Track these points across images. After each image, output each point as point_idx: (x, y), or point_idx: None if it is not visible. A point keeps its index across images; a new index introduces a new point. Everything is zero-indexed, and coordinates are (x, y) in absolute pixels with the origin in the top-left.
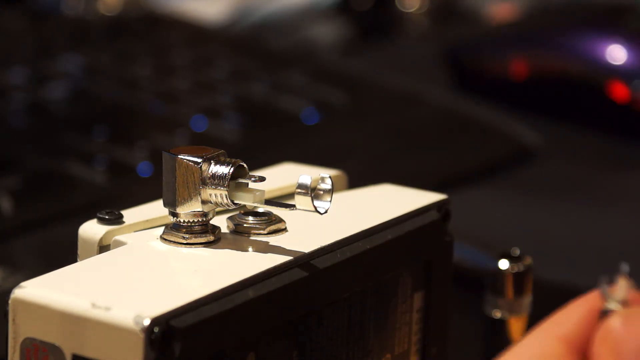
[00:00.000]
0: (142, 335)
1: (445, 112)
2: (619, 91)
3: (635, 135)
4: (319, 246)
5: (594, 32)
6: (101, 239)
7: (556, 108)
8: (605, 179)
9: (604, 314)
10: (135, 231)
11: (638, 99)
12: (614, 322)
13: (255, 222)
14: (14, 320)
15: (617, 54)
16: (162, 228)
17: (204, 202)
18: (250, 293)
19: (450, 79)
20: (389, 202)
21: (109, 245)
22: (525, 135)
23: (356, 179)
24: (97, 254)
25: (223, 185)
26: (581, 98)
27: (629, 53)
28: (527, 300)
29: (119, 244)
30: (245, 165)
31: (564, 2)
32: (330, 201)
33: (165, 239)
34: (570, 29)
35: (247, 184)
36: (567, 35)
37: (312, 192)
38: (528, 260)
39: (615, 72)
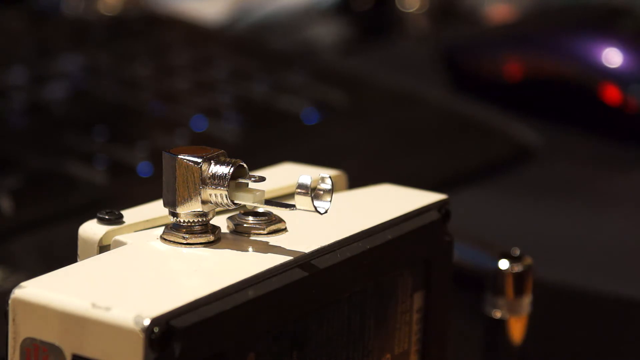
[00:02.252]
0: (142, 335)
1: (445, 112)
2: (611, 94)
3: (626, 138)
4: (319, 246)
5: (588, 34)
6: (101, 239)
7: (550, 109)
8: (604, 180)
9: None
10: (135, 231)
11: (630, 102)
12: None
13: (255, 222)
14: (14, 320)
15: (610, 56)
16: (162, 228)
17: (204, 202)
18: (250, 293)
19: (447, 79)
20: (389, 202)
21: (109, 245)
22: (525, 135)
23: (356, 179)
24: (97, 254)
25: (223, 185)
26: (574, 100)
27: (623, 56)
28: (527, 300)
29: (119, 244)
30: (245, 165)
31: (560, 4)
32: (330, 201)
33: (165, 239)
34: (565, 31)
35: (247, 184)
36: (561, 37)
37: (312, 192)
38: (528, 260)
39: (608, 74)
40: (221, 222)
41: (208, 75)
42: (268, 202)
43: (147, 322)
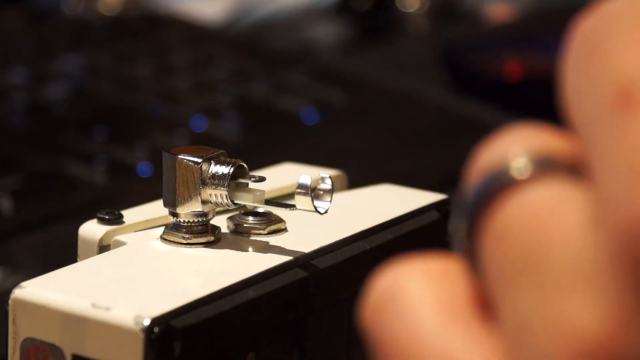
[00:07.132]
0: (142, 335)
1: (445, 112)
2: None
3: None
4: (319, 246)
5: None
6: (101, 239)
7: (550, 109)
8: None
9: None
10: (135, 231)
11: None
12: None
13: (255, 222)
14: (14, 320)
15: None
16: (162, 228)
17: (204, 202)
18: (250, 293)
19: (447, 79)
20: (389, 202)
21: (109, 245)
22: None
23: (356, 179)
24: (97, 254)
25: (223, 185)
26: None
27: None
28: None
29: (119, 244)
30: (245, 165)
31: (560, 4)
32: (330, 201)
33: (165, 239)
34: (565, 31)
35: (247, 184)
36: (561, 37)
37: (312, 192)
38: None
39: None
40: (221, 222)
41: (208, 75)
42: (268, 202)
43: (147, 322)
